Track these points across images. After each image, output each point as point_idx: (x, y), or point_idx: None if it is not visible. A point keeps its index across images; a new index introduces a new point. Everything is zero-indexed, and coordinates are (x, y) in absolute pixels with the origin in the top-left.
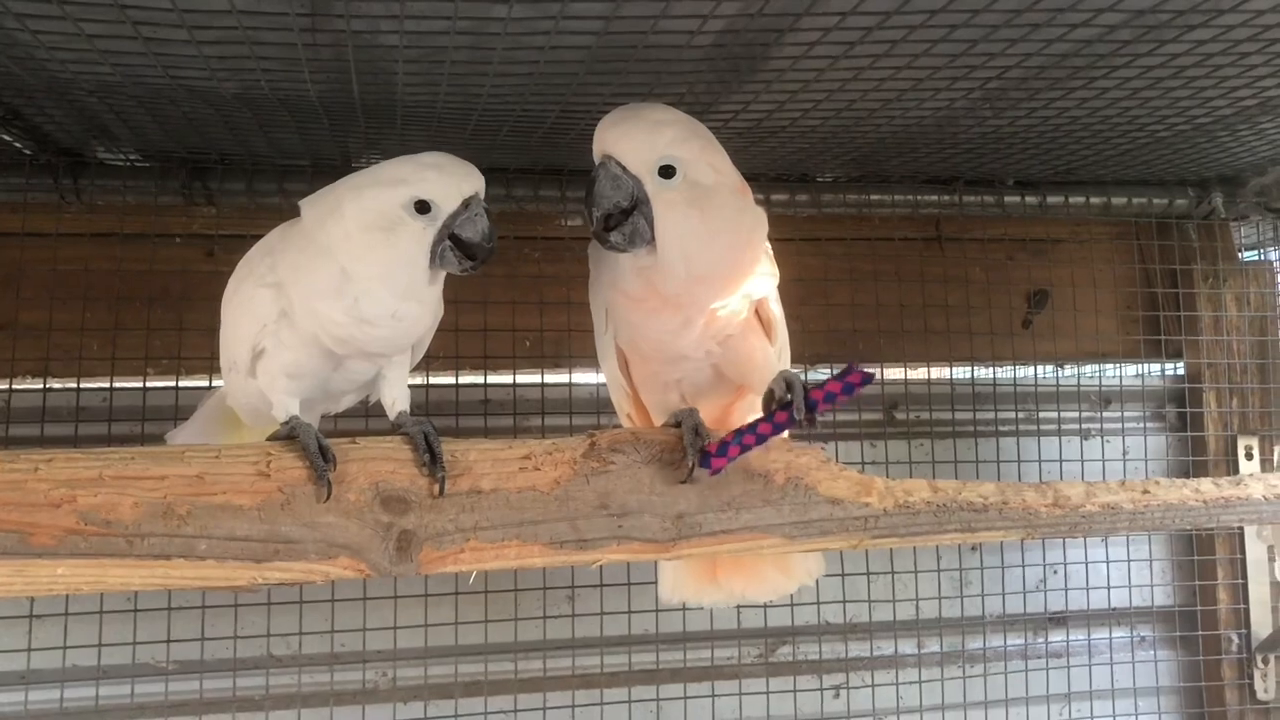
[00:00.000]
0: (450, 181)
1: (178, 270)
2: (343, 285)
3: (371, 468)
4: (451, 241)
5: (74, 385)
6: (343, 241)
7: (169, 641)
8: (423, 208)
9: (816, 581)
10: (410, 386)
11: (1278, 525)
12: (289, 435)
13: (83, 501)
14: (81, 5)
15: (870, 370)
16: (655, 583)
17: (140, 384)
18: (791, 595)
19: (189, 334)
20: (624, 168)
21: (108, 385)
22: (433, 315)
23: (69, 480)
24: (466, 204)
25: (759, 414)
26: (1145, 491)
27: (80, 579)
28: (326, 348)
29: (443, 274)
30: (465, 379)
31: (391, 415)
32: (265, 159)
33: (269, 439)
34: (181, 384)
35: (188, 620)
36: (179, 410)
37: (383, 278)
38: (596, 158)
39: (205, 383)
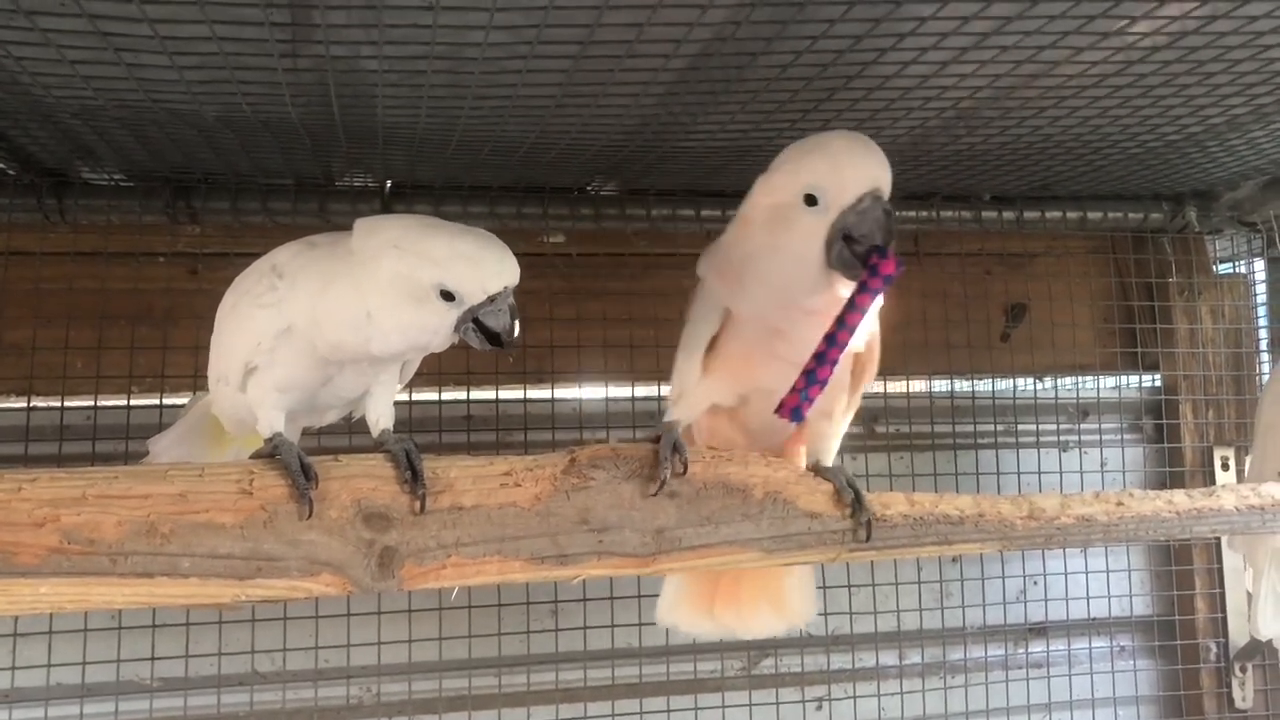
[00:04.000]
0: (477, 277)
1: (162, 289)
2: (362, 322)
3: (353, 485)
4: (475, 324)
5: (58, 404)
6: (374, 289)
7: (153, 659)
8: (447, 295)
9: None
10: (394, 403)
11: (1249, 535)
12: (271, 453)
13: (66, 521)
14: (64, 32)
15: (886, 250)
16: (638, 596)
17: (124, 402)
18: None
19: (173, 352)
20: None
21: (92, 404)
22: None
23: (52, 499)
24: (492, 298)
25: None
26: (1119, 503)
27: (63, 598)
28: (320, 360)
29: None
30: (448, 395)
31: (375, 432)
32: (249, 178)
33: (252, 457)
34: (166, 402)
35: (172, 637)
36: (163, 428)
37: (403, 334)
38: (859, 190)
39: (188, 400)
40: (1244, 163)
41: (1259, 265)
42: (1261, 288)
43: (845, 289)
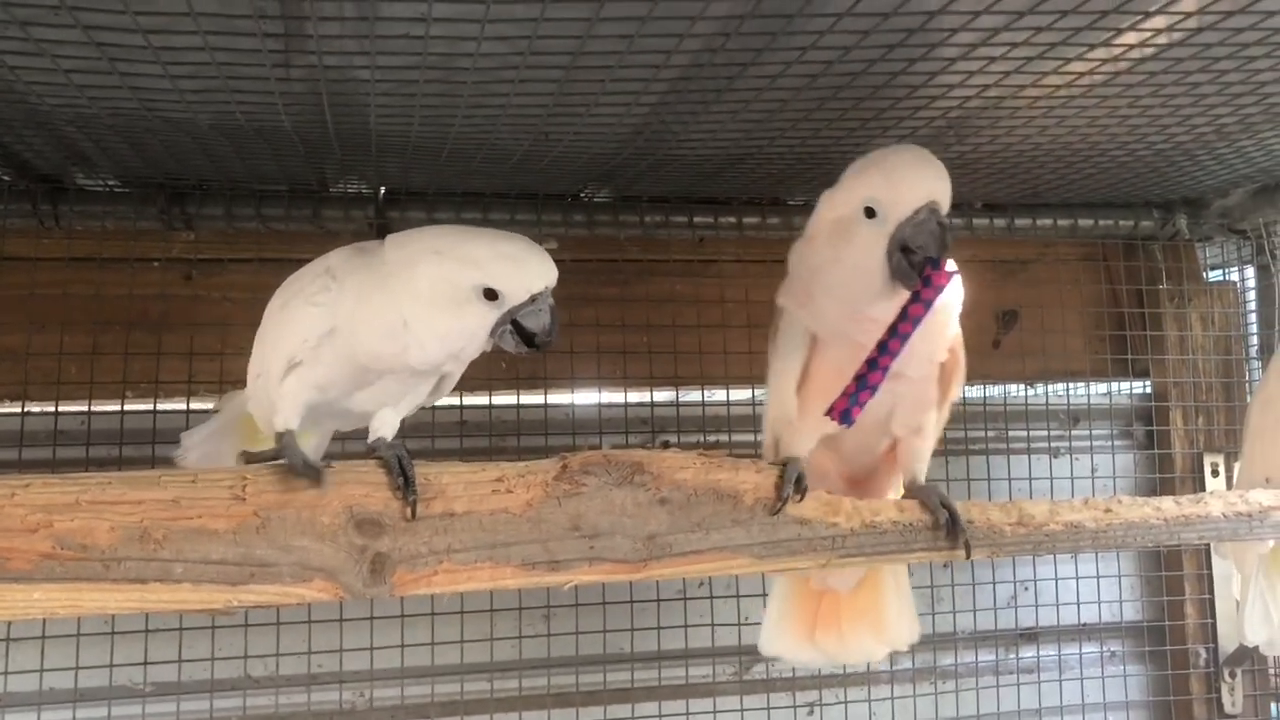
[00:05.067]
0: (520, 277)
1: (156, 294)
2: (399, 331)
3: (345, 491)
4: (513, 326)
5: (52, 409)
6: (410, 297)
7: (146, 664)
8: (490, 295)
9: None
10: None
11: (1238, 542)
12: (275, 454)
13: (59, 526)
14: (59, 42)
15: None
16: (630, 601)
17: (118, 407)
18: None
19: (167, 358)
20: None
21: (86, 409)
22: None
23: (45, 505)
24: (534, 298)
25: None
26: (1108, 510)
27: (56, 603)
28: (360, 366)
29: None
30: (441, 401)
31: (370, 438)
32: (243, 184)
33: (251, 458)
34: (159, 407)
35: (165, 642)
36: (157, 433)
37: (441, 341)
38: (916, 203)
39: (183, 406)
40: (1233, 171)
41: (1249, 272)
42: (1251, 295)
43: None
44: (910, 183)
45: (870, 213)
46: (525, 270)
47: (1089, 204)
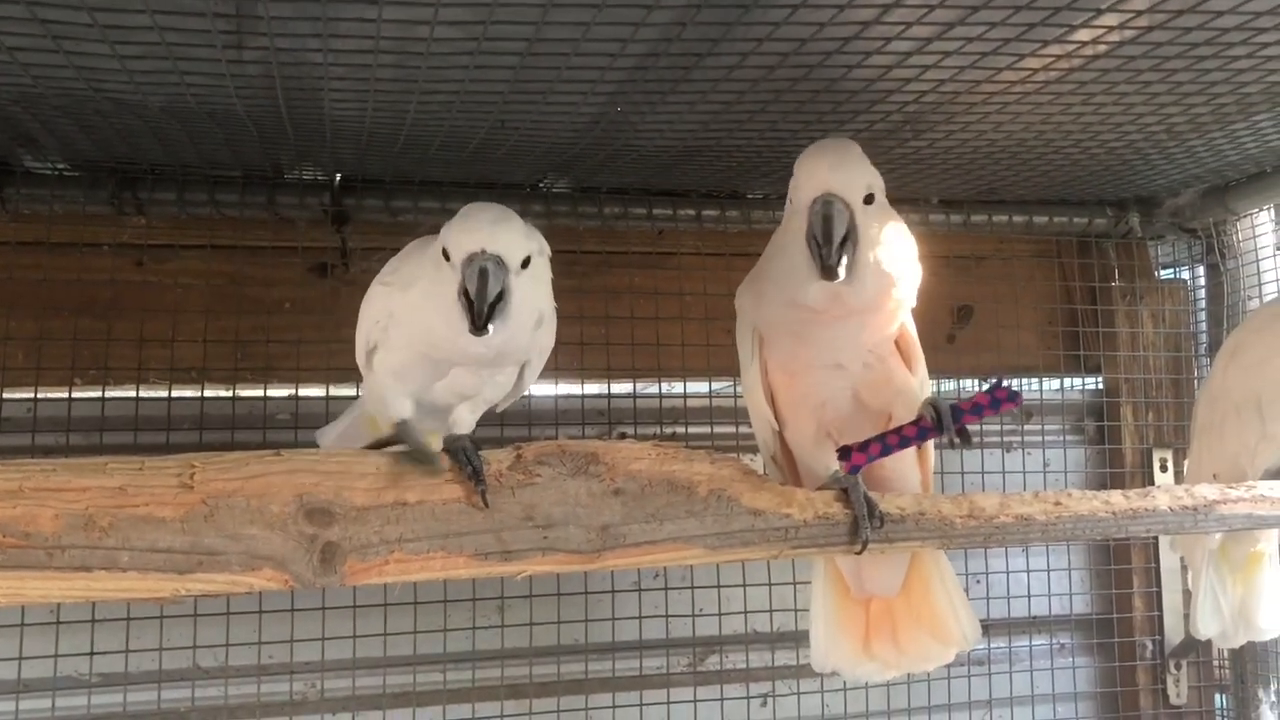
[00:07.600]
0: (458, 233)
1: (106, 280)
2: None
3: (296, 480)
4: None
5: None
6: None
7: (92, 654)
8: (447, 256)
9: (744, 590)
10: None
11: (1187, 536)
12: (391, 439)
13: (1, 513)
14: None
15: (1018, 390)
16: (584, 593)
17: (66, 394)
18: (719, 604)
19: (116, 344)
20: (845, 202)
21: (32, 396)
22: (522, 343)
23: None
24: (470, 258)
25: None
26: (1058, 503)
27: None
28: (424, 355)
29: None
30: None
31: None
32: (196, 170)
33: (367, 446)
34: (108, 395)
35: (112, 632)
36: (104, 421)
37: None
38: (810, 196)
39: (133, 393)
40: (1184, 171)
41: (1199, 271)
42: (1201, 293)
43: (828, 289)
44: (806, 174)
45: (790, 203)
46: (463, 226)
47: (1044, 201)
